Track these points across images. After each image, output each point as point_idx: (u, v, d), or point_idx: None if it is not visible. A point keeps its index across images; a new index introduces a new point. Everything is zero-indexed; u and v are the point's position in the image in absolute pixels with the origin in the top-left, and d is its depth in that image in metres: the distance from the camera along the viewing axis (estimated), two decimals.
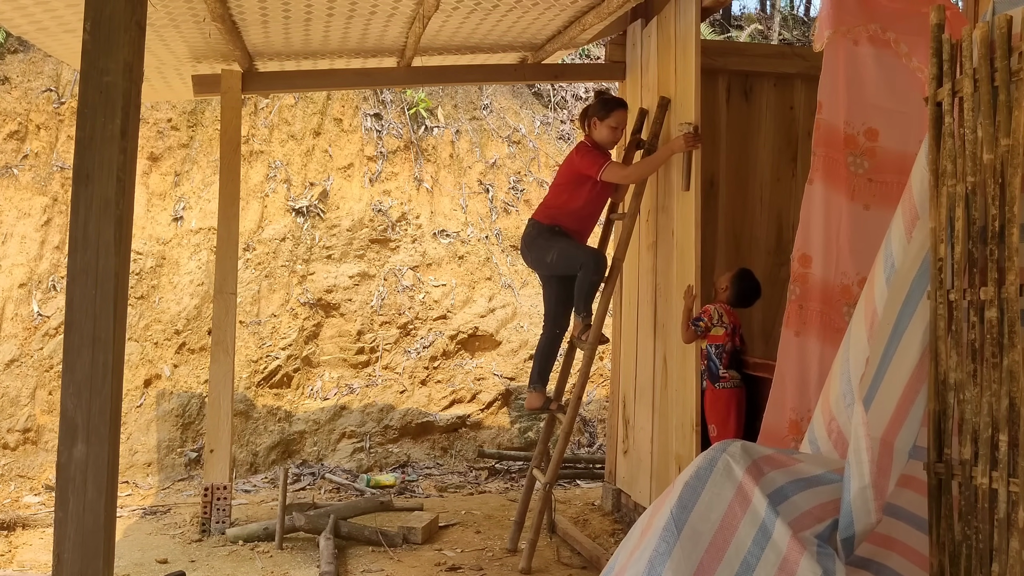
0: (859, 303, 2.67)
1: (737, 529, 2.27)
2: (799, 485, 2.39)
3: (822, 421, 2.66)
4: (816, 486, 2.41)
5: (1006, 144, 2.12)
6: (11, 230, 6.67)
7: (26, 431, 6.16)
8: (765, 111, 5.23)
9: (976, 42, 2.22)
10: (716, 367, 4.23)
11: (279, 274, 7.08)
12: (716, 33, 9.97)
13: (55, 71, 7.10)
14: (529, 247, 4.73)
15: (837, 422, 2.59)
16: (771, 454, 2.46)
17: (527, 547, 4.26)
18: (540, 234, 4.65)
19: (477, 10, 4.56)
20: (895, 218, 2.59)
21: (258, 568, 4.32)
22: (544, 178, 7.98)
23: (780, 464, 2.43)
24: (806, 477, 2.42)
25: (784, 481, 2.37)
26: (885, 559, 2.54)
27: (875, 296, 2.57)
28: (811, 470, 2.45)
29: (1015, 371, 2.07)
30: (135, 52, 2.29)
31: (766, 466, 2.39)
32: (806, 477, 2.42)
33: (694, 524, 2.27)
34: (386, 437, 6.71)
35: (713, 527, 2.27)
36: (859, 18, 3.40)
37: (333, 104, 7.63)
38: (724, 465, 2.36)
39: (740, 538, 2.26)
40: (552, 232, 4.62)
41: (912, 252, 2.48)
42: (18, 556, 4.59)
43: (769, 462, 2.41)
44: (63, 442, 2.18)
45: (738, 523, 2.28)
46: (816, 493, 2.39)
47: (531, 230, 4.72)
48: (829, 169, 3.41)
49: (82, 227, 2.21)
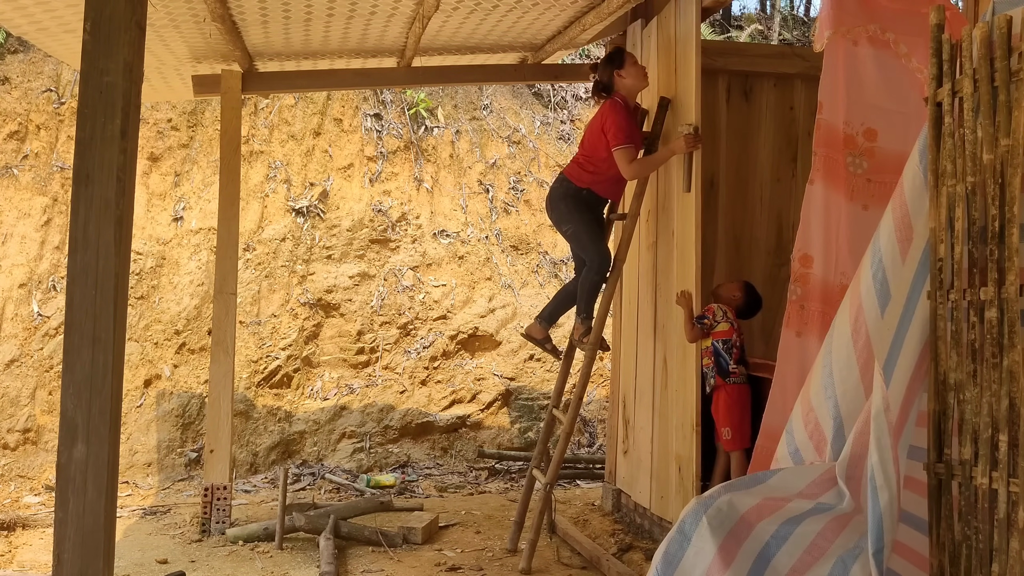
0: (842, 307, 2.68)
1: None
2: (790, 527, 2.41)
3: (800, 412, 2.70)
4: (810, 518, 2.44)
5: (1006, 144, 2.12)
6: (11, 230, 6.67)
7: (26, 431, 6.16)
8: (765, 111, 5.22)
9: (976, 42, 2.22)
10: (726, 362, 4.21)
11: (279, 274, 7.08)
12: (716, 33, 9.97)
13: (55, 71, 7.10)
14: (554, 206, 4.64)
15: (815, 414, 2.63)
16: (759, 504, 2.46)
17: (527, 547, 4.26)
18: (565, 198, 4.56)
19: (477, 10, 4.56)
20: (884, 216, 2.60)
21: (258, 568, 4.32)
22: (544, 178, 7.98)
23: (770, 511, 2.44)
24: (796, 515, 2.43)
25: (772, 531, 2.40)
26: (887, 561, 2.54)
27: (861, 292, 2.59)
28: (802, 507, 2.46)
29: (1015, 371, 2.07)
30: (135, 52, 2.29)
31: (754, 518, 2.41)
32: (796, 515, 2.43)
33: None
34: (386, 437, 6.71)
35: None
36: (859, 19, 3.40)
37: (333, 104, 7.63)
38: (705, 527, 2.39)
39: None
40: (578, 200, 4.53)
41: (909, 260, 2.48)
42: (18, 556, 4.59)
43: (757, 513, 2.43)
44: (63, 442, 2.18)
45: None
46: (808, 529, 2.42)
47: (559, 188, 4.61)
48: (829, 169, 3.41)
49: (82, 227, 2.21)
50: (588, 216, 4.57)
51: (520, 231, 7.80)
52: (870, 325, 2.52)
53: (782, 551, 2.37)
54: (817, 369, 2.68)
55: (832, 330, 2.67)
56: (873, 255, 2.57)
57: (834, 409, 2.56)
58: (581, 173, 4.56)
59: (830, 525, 2.42)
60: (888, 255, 2.53)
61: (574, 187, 4.55)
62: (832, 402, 2.58)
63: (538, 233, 7.86)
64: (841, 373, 2.58)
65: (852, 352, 2.56)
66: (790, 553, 2.38)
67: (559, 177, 4.68)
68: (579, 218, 4.53)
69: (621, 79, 4.50)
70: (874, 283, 2.54)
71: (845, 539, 2.39)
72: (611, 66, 4.51)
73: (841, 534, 2.40)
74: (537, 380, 7.14)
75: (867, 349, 2.52)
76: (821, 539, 2.40)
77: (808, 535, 2.40)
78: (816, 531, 2.41)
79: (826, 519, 2.42)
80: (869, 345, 2.51)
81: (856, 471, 2.44)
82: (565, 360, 4.96)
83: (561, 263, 7.77)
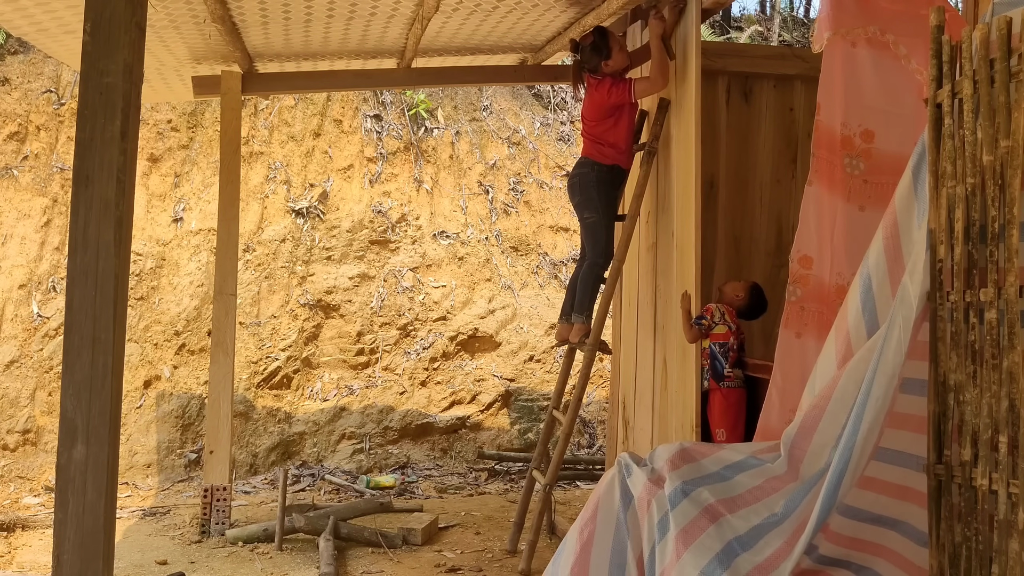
0: (836, 319, 2.71)
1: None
2: (729, 471, 2.60)
3: (797, 420, 2.75)
4: (747, 471, 2.58)
5: (1006, 145, 2.12)
6: (11, 231, 6.67)
7: (26, 432, 6.16)
8: (765, 112, 5.22)
9: (976, 43, 2.22)
10: (721, 366, 4.20)
11: (279, 275, 7.08)
12: (716, 35, 9.98)
13: (55, 72, 7.10)
14: (584, 192, 4.55)
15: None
16: (683, 450, 2.67)
17: (527, 548, 4.26)
18: (598, 184, 4.50)
19: (477, 11, 4.56)
20: (879, 229, 2.62)
21: (257, 569, 4.32)
22: (544, 179, 7.98)
23: (693, 459, 2.61)
24: (731, 463, 2.61)
25: (709, 470, 2.59)
26: (870, 563, 2.55)
27: (847, 306, 2.64)
28: (733, 457, 2.57)
29: (1015, 372, 2.07)
30: (135, 53, 2.29)
31: (673, 466, 2.59)
32: (731, 463, 2.61)
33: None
34: (386, 438, 6.71)
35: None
36: (858, 20, 3.40)
37: (333, 105, 7.63)
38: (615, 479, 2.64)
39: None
40: (611, 184, 4.51)
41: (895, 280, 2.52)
42: (17, 557, 4.59)
43: (677, 461, 2.61)
44: (63, 443, 2.18)
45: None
46: (743, 480, 2.57)
47: (590, 173, 4.52)
48: (827, 171, 3.42)
49: (82, 228, 2.21)
50: (611, 210, 4.58)
51: (520, 232, 7.80)
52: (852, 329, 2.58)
53: (703, 490, 2.52)
54: (814, 378, 2.75)
55: (825, 346, 2.73)
56: (861, 279, 2.62)
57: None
58: (603, 150, 4.52)
59: (768, 483, 2.54)
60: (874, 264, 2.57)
61: (605, 167, 4.51)
62: (811, 401, 2.63)
63: (538, 234, 7.86)
64: (823, 376, 2.67)
65: (833, 354, 2.64)
66: (714, 494, 2.50)
67: (585, 162, 4.58)
68: (604, 211, 4.53)
69: (607, 67, 4.51)
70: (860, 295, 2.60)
71: (775, 499, 2.50)
72: (598, 57, 4.51)
73: (774, 494, 2.50)
74: (537, 381, 7.14)
75: (846, 348, 2.59)
76: (757, 491, 2.52)
77: (741, 485, 2.54)
78: (749, 485, 2.51)
79: (760, 476, 2.56)
80: (849, 346, 2.58)
81: (803, 441, 2.51)
82: (565, 361, 4.97)
83: (561, 264, 7.77)
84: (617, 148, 4.53)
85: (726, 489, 2.52)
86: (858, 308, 2.57)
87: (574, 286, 4.79)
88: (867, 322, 2.54)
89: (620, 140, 4.51)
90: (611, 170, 4.53)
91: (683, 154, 4.27)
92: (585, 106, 4.67)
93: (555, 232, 7.93)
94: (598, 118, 4.54)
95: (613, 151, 4.53)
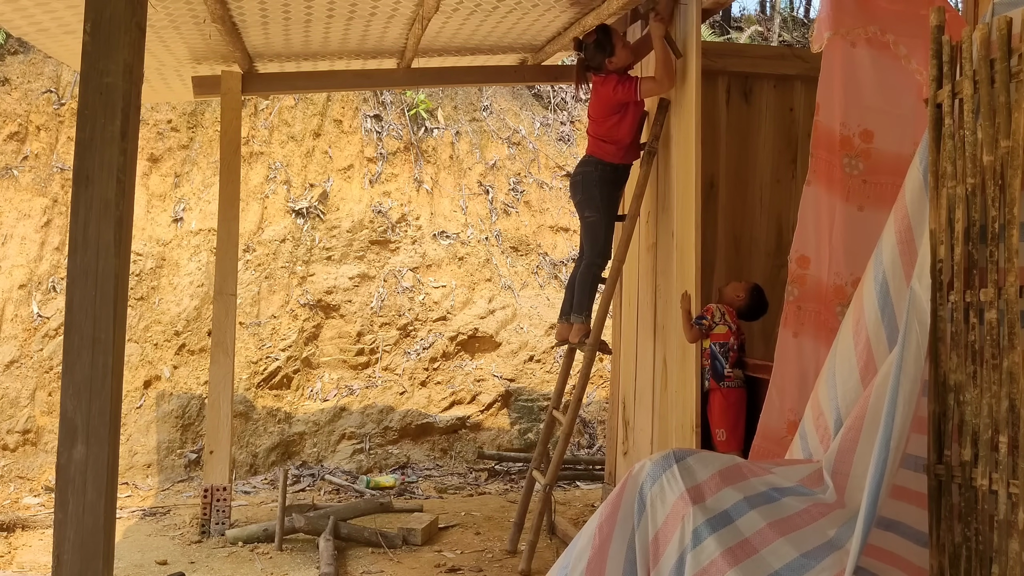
0: (848, 311, 2.70)
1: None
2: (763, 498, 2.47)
3: (811, 416, 2.75)
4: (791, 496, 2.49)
5: (1006, 146, 2.12)
6: (11, 231, 6.67)
7: (26, 432, 6.16)
8: (765, 113, 5.22)
9: (976, 44, 2.22)
10: (721, 366, 4.20)
11: (279, 275, 7.08)
12: (716, 35, 9.97)
13: (55, 72, 7.10)
14: (587, 191, 4.54)
15: (825, 418, 2.67)
16: (735, 466, 2.53)
17: (527, 548, 4.26)
18: (602, 183, 4.49)
19: (477, 12, 4.56)
20: (886, 227, 2.61)
21: (257, 569, 4.32)
22: (544, 179, 7.98)
23: (740, 478, 2.49)
24: (770, 489, 2.49)
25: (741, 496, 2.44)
26: (869, 565, 2.55)
27: (863, 306, 2.62)
28: (776, 482, 2.51)
29: (1015, 373, 2.07)
30: (135, 53, 2.29)
31: (723, 480, 2.46)
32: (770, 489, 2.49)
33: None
34: (386, 438, 6.71)
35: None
36: (858, 20, 3.40)
37: (333, 105, 7.63)
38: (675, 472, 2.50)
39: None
40: (614, 183, 4.51)
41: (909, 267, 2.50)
42: (17, 557, 4.59)
43: (727, 476, 2.48)
44: (63, 443, 2.18)
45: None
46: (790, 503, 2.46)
47: (594, 172, 4.51)
48: (826, 171, 3.42)
49: (82, 228, 2.21)
50: (612, 210, 4.58)
51: (520, 232, 7.80)
52: (871, 331, 2.54)
53: (754, 512, 2.43)
54: (823, 378, 2.73)
55: (836, 342, 2.71)
56: (876, 268, 2.59)
57: (835, 412, 2.59)
58: (607, 147, 4.52)
59: (815, 507, 2.46)
60: (889, 264, 2.55)
61: (610, 166, 4.51)
62: (834, 403, 2.61)
63: (538, 234, 7.86)
64: (843, 376, 2.62)
65: (853, 355, 2.58)
66: (764, 516, 2.42)
67: (589, 160, 4.57)
68: (605, 210, 4.53)
69: (612, 64, 4.50)
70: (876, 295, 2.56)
71: (824, 524, 2.43)
72: (603, 54, 4.50)
73: (822, 519, 2.44)
74: (537, 381, 7.14)
75: (867, 351, 2.54)
76: (805, 515, 2.45)
77: (790, 508, 2.46)
78: (798, 508, 2.46)
79: (808, 501, 2.47)
80: (869, 348, 2.54)
81: (843, 466, 2.47)
82: (565, 361, 4.97)
83: (561, 264, 7.77)
84: (621, 145, 4.53)
85: (776, 510, 2.45)
86: (876, 312, 2.55)
87: (572, 286, 4.79)
88: (887, 326, 2.53)
89: (624, 137, 4.51)
90: (615, 169, 4.54)
91: (683, 154, 4.27)
92: (591, 104, 4.68)
93: (555, 232, 7.93)
94: (603, 116, 4.55)
95: (617, 148, 4.53)
